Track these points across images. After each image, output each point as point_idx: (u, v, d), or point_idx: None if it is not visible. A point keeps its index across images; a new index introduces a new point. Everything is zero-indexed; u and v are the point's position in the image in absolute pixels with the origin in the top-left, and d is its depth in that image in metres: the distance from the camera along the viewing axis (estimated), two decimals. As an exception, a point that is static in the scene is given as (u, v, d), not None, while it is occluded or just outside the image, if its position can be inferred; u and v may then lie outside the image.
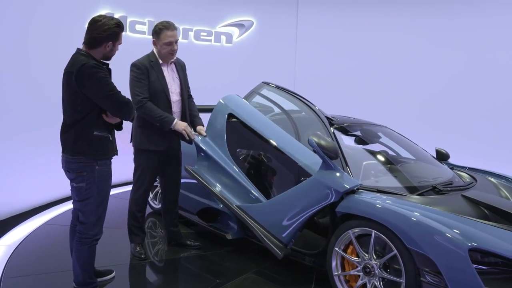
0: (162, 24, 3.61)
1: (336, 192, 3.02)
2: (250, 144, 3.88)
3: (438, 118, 6.77)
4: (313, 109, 3.77)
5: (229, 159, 3.78)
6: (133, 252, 3.83)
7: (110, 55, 2.92)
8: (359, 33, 7.41)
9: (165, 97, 3.65)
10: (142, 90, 3.55)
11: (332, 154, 3.09)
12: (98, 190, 2.91)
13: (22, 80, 4.86)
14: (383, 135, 4.24)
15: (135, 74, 3.60)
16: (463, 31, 6.58)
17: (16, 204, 4.95)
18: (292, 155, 3.44)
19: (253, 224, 3.44)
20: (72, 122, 2.84)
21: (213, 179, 3.81)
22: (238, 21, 7.37)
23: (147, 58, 3.67)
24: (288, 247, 3.28)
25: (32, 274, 3.47)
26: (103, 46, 2.84)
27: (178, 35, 3.69)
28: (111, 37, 2.84)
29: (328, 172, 3.13)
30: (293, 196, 3.27)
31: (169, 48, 3.62)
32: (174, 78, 3.77)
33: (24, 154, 4.94)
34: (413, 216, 2.71)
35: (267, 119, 3.76)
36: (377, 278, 2.84)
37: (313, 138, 3.12)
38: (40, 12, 5.09)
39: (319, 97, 7.24)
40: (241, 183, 3.66)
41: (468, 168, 4.20)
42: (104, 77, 2.76)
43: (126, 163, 5.85)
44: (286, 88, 4.10)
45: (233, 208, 3.61)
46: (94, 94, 2.77)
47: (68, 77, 2.79)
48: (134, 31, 6.34)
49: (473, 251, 2.50)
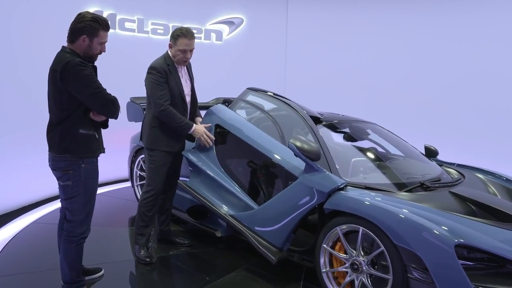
0: (182, 30, 3.60)
1: (320, 193, 3.06)
2: (238, 152, 3.93)
3: (427, 115, 6.82)
4: (297, 110, 3.79)
5: (219, 169, 3.84)
6: (137, 254, 3.74)
7: (90, 53, 2.83)
8: (350, 30, 7.44)
9: (182, 100, 3.70)
10: (163, 95, 3.55)
11: (313, 156, 3.13)
12: (84, 188, 2.89)
13: (8, 79, 4.82)
14: (372, 132, 4.25)
15: (156, 77, 3.56)
16: (454, 27, 6.62)
17: (4, 203, 4.92)
18: (278, 160, 3.49)
19: (246, 231, 3.49)
20: (58, 120, 2.81)
21: (205, 190, 3.87)
22: (228, 18, 7.36)
23: (164, 61, 3.64)
24: (284, 250, 3.31)
25: (21, 273, 3.45)
26: (79, 40, 2.77)
27: (194, 44, 3.67)
28: (86, 31, 2.75)
29: (311, 174, 3.17)
30: (281, 200, 3.32)
31: (183, 56, 3.62)
32: (187, 80, 3.81)
33: (12, 153, 4.90)
34: (400, 213, 2.72)
35: (252, 126, 3.79)
36: (365, 275, 2.85)
37: (293, 142, 3.17)
38: (26, 9, 5.04)
39: (310, 95, 7.32)
40: (232, 192, 3.72)
41: (457, 165, 4.23)
42: (89, 74, 2.72)
43: (116, 161, 5.87)
44: (270, 92, 4.14)
45: (227, 218, 3.65)
46: (79, 92, 2.73)
47: (53, 75, 2.76)
48: (123, 29, 6.31)
49: (459, 247, 2.52)
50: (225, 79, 7.07)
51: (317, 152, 3.15)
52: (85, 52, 2.81)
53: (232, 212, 3.67)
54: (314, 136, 3.52)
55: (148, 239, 3.80)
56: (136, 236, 3.79)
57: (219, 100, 5.40)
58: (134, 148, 5.01)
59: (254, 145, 3.62)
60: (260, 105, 4.09)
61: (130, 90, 4.92)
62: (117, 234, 4.42)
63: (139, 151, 4.92)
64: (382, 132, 4.32)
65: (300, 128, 3.77)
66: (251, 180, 3.80)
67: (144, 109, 4.17)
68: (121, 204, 5.45)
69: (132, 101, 4.77)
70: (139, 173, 5.01)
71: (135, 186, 5.08)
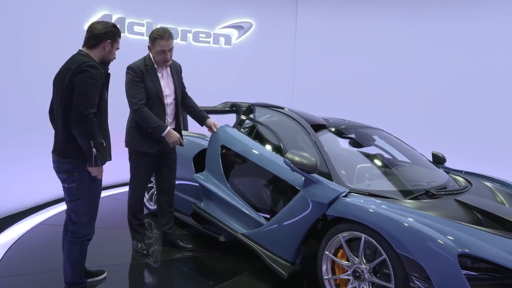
0: (158, 32, 3.63)
1: (320, 204, 3.04)
2: (245, 171, 3.96)
3: (435, 121, 6.76)
4: (298, 121, 3.81)
5: (228, 189, 3.88)
6: (135, 248, 3.93)
7: (108, 58, 2.94)
8: (358, 35, 7.41)
9: (159, 100, 3.70)
10: (138, 94, 3.59)
11: (309, 168, 3.12)
12: (89, 190, 2.91)
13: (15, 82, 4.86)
14: (378, 138, 4.22)
15: (131, 77, 3.63)
16: (462, 34, 6.56)
17: (11, 205, 4.96)
18: (282, 175, 3.49)
19: (258, 248, 3.49)
20: (64, 125, 2.81)
21: (219, 212, 3.91)
22: (237, 22, 7.37)
23: (143, 62, 3.70)
24: (296, 263, 3.29)
25: (26, 274, 3.48)
26: (102, 45, 2.87)
27: (172, 43, 3.69)
28: (110, 36, 2.89)
29: (311, 187, 3.17)
30: (286, 215, 3.32)
31: (162, 56, 3.65)
32: (169, 82, 3.81)
33: (18, 155, 4.94)
34: (403, 221, 2.68)
35: (256, 144, 3.83)
36: (367, 283, 2.82)
37: (287, 157, 3.18)
38: (36, 13, 5.09)
39: (318, 99, 7.30)
40: (242, 210, 3.74)
41: (465, 172, 4.17)
42: (92, 77, 2.73)
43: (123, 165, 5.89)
44: (273, 105, 4.19)
45: (240, 237, 3.66)
46: (77, 85, 2.72)
47: (64, 74, 2.78)
48: (132, 33, 6.34)
49: (462, 257, 2.47)
50: (234, 84, 7.08)
51: (312, 164, 3.13)
52: (103, 57, 2.91)
53: (244, 231, 3.68)
54: (315, 146, 3.50)
55: (144, 234, 4.02)
56: (132, 233, 4.00)
57: (227, 104, 5.42)
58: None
59: (259, 163, 3.65)
60: (264, 118, 4.13)
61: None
62: (122, 237, 4.42)
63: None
64: (388, 138, 4.28)
65: (300, 139, 3.76)
66: (258, 197, 3.82)
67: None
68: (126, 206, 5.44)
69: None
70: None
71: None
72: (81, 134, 2.72)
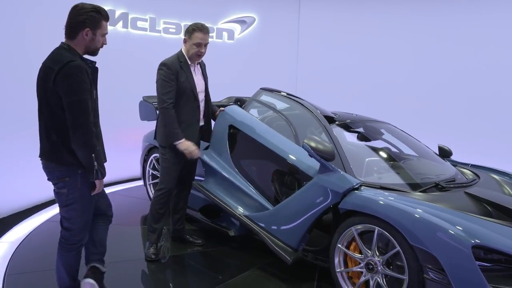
0: (197, 25, 3.64)
1: (335, 193, 3.05)
2: (252, 153, 3.92)
3: (441, 114, 6.75)
4: (310, 110, 3.78)
5: (233, 170, 3.86)
6: (145, 251, 3.79)
7: (93, 47, 2.62)
8: (362, 29, 7.39)
9: (194, 97, 3.70)
10: (169, 92, 3.56)
11: (328, 156, 3.12)
12: (81, 194, 2.66)
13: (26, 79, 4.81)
14: (385, 131, 4.23)
15: (165, 74, 3.58)
16: (468, 27, 6.54)
17: (18, 202, 4.96)
18: (292, 160, 3.49)
19: (261, 232, 3.49)
20: (50, 127, 2.57)
21: (220, 191, 3.89)
22: (240, 17, 7.35)
23: (177, 58, 3.67)
24: (299, 251, 3.31)
25: (35, 271, 3.48)
26: (80, 35, 2.55)
27: (208, 39, 3.70)
28: (89, 23, 2.54)
29: (326, 174, 3.16)
30: (296, 200, 3.32)
31: (197, 50, 3.64)
32: (200, 79, 3.82)
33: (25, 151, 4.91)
34: (416, 213, 2.70)
35: (266, 126, 3.79)
36: (380, 275, 2.84)
37: (307, 142, 3.16)
38: (39, 8, 5.03)
39: (322, 94, 7.29)
40: (246, 192, 3.73)
41: (471, 165, 4.19)
42: (80, 82, 2.46)
43: (128, 160, 5.90)
44: (283, 91, 4.14)
45: (242, 219, 3.66)
46: (64, 95, 2.46)
47: (46, 73, 2.51)
48: (135, 28, 6.32)
49: (476, 248, 2.50)
50: (237, 78, 7.07)
51: (331, 152, 3.14)
52: (88, 47, 2.60)
53: (246, 213, 3.68)
54: (328, 136, 3.50)
55: (159, 237, 3.83)
56: (147, 233, 3.84)
57: (231, 99, 5.41)
58: (147, 147, 5.03)
59: (268, 146, 3.62)
60: (273, 105, 4.09)
61: (142, 89, 4.94)
62: (129, 233, 4.44)
63: (152, 150, 4.94)
64: (396, 132, 4.29)
65: (314, 127, 3.76)
66: (265, 181, 3.79)
67: (156, 108, 4.19)
68: (134, 203, 5.47)
69: (145, 100, 4.80)
70: (151, 172, 5.03)
71: (148, 185, 5.09)
72: (80, 147, 2.50)
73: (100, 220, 2.97)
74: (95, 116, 2.69)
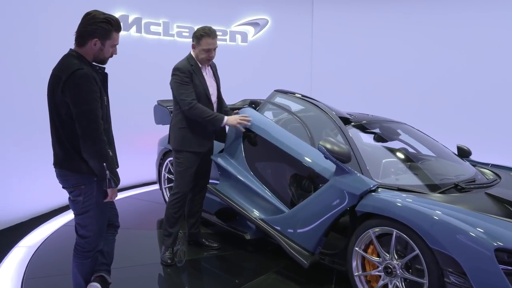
0: (204, 30, 3.63)
1: (352, 195, 3.00)
2: (267, 156, 3.89)
3: (460, 114, 6.64)
4: (325, 111, 3.73)
5: (248, 173, 3.83)
6: (161, 256, 3.80)
7: (102, 57, 2.59)
8: (376, 29, 7.32)
9: (207, 99, 3.71)
10: (189, 93, 3.58)
11: (344, 158, 3.08)
12: (97, 201, 2.64)
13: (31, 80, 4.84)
14: (402, 132, 4.16)
15: (180, 77, 3.60)
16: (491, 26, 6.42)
17: (36, 206, 5.01)
18: (308, 162, 3.45)
19: (277, 235, 3.46)
20: (62, 134, 2.54)
21: (235, 194, 3.86)
22: (253, 20, 7.34)
23: (187, 62, 3.68)
24: (316, 254, 3.28)
25: (53, 275, 3.50)
26: (89, 44, 2.52)
27: (217, 42, 3.70)
28: (98, 34, 2.50)
29: (342, 176, 3.12)
30: (313, 203, 3.28)
31: (207, 55, 3.65)
32: (212, 80, 3.83)
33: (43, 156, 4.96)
34: (436, 215, 2.64)
35: (281, 129, 3.76)
36: (399, 279, 2.78)
37: (323, 144, 3.12)
38: (50, 12, 5.06)
39: (337, 95, 7.23)
40: (262, 195, 3.70)
41: (491, 165, 4.10)
42: (89, 91, 2.42)
43: (144, 164, 5.91)
44: (298, 93, 4.10)
45: (257, 222, 3.64)
46: (73, 104, 2.43)
47: (55, 81, 2.48)
48: (149, 33, 6.35)
49: (499, 251, 2.42)
50: (251, 81, 7.05)
51: (347, 154, 3.09)
52: (96, 56, 2.58)
53: (262, 216, 3.65)
54: (344, 138, 3.46)
55: (175, 241, 3.82)
56: (163, 237, 3.83)
57: (246, 102, 5.38)
58: (162, 151, 5.03)
59: (283, 148, 3.59)
60: (288, 107, 4.05)
61: (157, 93, 4.96)
62: (145, 237, 4.45)
63: (167, 154, 4.94)
64: (413, 132, 4.22)
65: (329, 129, 3.71)
66: (281, 183, 3.75)
67: (171, 111, 4.19)
68: (149, 206, 5.48)
69: (159, 104, 4.80)
70: (167, 175, 5.03)
71: (163, 188, 5.10)
72: (92, 157, 2.47)
73: (109, 231, 2.96)
74: (107, 122, 2.65)
